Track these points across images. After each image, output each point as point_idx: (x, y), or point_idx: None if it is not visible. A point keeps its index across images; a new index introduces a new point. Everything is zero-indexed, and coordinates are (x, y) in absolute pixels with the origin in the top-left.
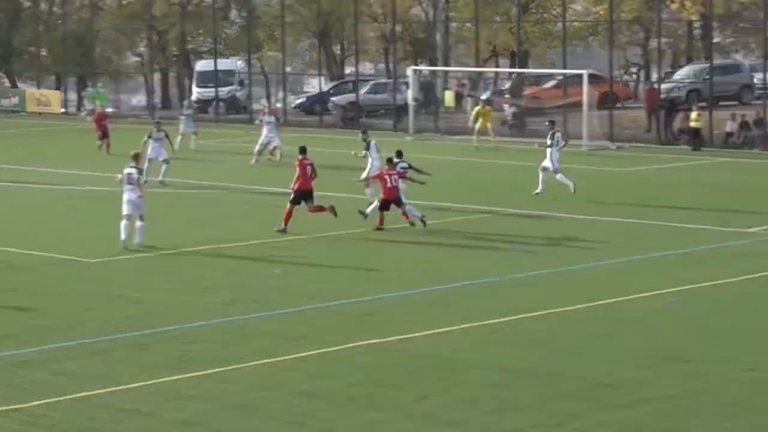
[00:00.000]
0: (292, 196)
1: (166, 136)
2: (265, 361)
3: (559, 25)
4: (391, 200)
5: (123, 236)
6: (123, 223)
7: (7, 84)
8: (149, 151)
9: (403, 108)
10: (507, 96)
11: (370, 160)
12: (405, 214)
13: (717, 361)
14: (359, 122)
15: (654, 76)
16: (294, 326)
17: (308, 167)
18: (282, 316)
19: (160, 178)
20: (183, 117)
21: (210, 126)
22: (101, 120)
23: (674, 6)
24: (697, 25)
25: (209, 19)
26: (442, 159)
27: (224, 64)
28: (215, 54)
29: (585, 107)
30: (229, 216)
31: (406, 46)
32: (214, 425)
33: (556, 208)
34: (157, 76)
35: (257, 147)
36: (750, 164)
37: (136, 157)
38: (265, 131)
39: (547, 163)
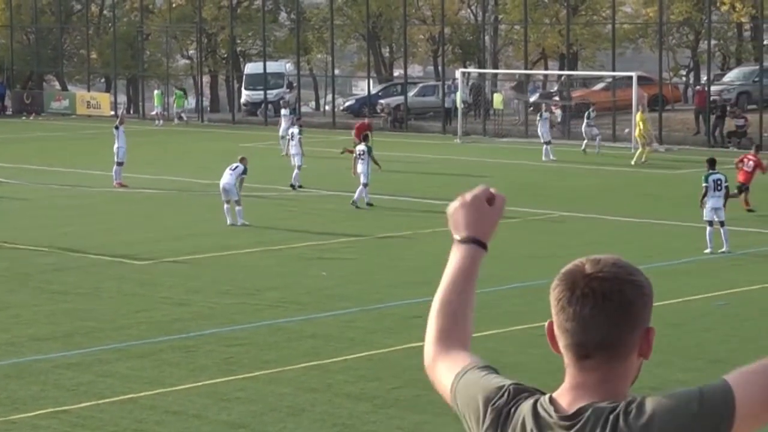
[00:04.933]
0: None
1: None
2: (312, 363)
3: (609, 27)
4: None
5: (229, 220)
6: (225, 206)
7: (58, 87)
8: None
9: (451, 110)
10: (555, 98)
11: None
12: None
13: None
14: (407, 124)
15: (704, 78)
16: (340, 328)
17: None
18: (328, 319)
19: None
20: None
21: (258, 128)
22: None
23: (724, 8)
24: (747, 26)
25: (258, 21)
26: (490, 161)
27: (273, 66)
28: (264, 56)
29: (634, 109)
30: (275, 218)
31: (454, 48)
32: (261, 427)
33: (598, 210)
34: (206, 79)
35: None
36: None
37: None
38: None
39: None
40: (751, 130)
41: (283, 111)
